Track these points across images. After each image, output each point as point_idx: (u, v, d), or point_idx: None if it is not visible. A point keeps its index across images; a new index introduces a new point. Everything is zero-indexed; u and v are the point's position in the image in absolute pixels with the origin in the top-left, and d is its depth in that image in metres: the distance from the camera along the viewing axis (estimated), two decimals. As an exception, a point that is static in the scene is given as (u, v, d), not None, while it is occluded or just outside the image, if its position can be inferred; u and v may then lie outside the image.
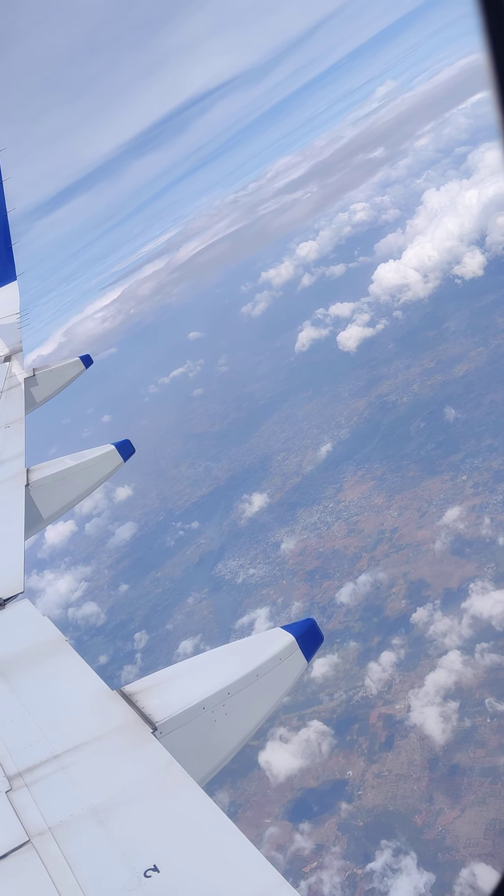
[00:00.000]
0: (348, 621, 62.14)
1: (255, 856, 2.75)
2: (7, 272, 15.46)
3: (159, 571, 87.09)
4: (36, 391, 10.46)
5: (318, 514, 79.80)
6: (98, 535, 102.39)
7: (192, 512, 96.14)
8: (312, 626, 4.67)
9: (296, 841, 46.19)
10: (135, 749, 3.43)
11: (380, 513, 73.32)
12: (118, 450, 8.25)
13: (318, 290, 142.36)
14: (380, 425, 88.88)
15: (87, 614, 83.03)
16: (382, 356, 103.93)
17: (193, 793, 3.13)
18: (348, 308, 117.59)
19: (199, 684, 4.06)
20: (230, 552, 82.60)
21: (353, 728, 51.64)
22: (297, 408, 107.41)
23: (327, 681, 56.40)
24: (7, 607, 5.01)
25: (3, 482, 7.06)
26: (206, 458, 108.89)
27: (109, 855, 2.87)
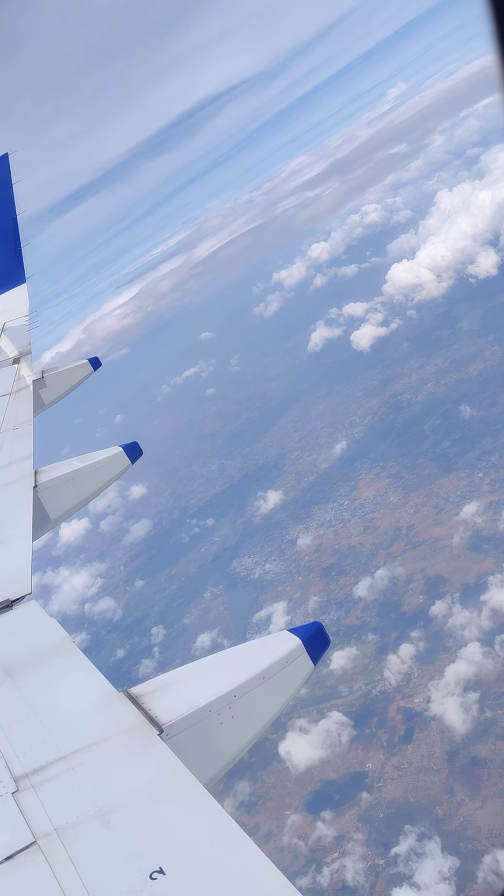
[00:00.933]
0: (365, 617, 62.36)
1: (261, 859, 2.72)
2: (16, 275, 15.53)
3: (174, 568, 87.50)
4: (44, 393, 10.52)
5: (333, 511, 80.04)
6: (113, 533, 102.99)
7: (206, 510, 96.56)
8: (319, 629, 4.71)
9: (317, 832, 46.42)
10: (141, 751, 3.44)
11: (396, 510, 73.52)
12: (126, 452, 8.25)
13: (330, 290, 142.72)
14: (394, 424, 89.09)
15: (104, 609, 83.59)
16: (396, 356, 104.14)
17: (199, 795, 3.11)
18: (362, 308, 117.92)
19: (205, 687, 4.07)
20: (245, 549, 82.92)
21: (372, 721, 51.84)
22: (311, 407, 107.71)
23: (346, 674, 56.67)
24: (14, 608, 5.01)
25: (12, 483, 7.09)
26: (220, 456, 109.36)
27: (115, 857, 2.87)
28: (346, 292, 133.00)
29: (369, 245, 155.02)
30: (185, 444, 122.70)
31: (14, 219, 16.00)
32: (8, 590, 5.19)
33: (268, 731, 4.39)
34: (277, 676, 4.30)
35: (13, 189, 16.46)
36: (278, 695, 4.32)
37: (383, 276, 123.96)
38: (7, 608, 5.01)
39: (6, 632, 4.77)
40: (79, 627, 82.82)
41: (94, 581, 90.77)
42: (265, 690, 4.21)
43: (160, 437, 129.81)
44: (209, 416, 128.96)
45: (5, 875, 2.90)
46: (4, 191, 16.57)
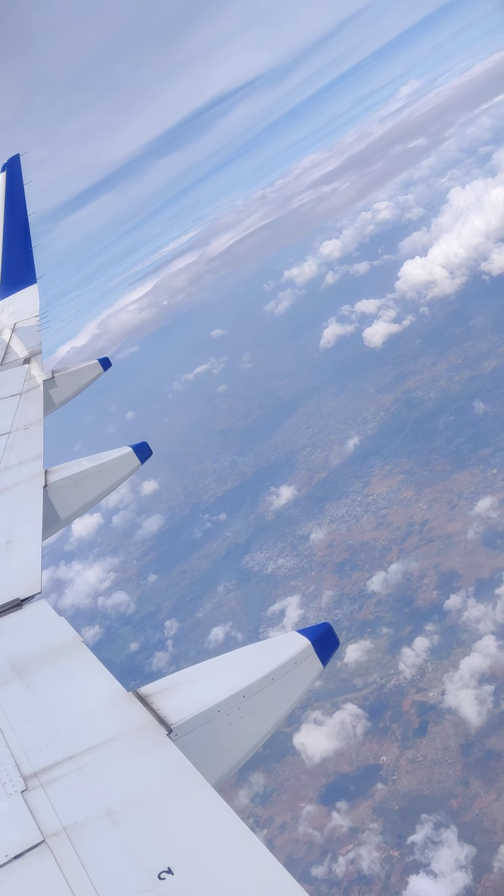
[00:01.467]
0: (379, 611, 62.46)
1: (269, 860, 2.72)
2: (27, 275, 15.58)
3: (186, 564, 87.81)
4: (55, 393, 10.53)
5: (345, 507, 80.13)
6: (125, 528, 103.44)
7: (218, 506, 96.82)
8: (328, 630, 4.70)
9: (331, 823, 46.61)
10: (150, 751, 3.44)
11: (409, 506, 73.54)
12: (135, 452, 8.27)
13: (342, 287, 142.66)
14: (407, 420, 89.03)
15: (117, 603, 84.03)
16: (409, 352, 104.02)
17: (208, 795, 3.10)
18: (374, 304, 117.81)
19: (214, 687, 4.07)
20: (257, 545, 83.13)
21: (386, 715, 51.96)
22: (322, 404, 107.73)
23: (360, 667, 56.83)
24: (24, 607, 5.01)
25: (22, 483, 7.10)
26: (232, 452, 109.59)
27: (123, 856, 2.87)
28: (358, 289, 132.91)
29: (381, 242, 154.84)
30: (197, 441, 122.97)
31: (25, 220, 16.09)
32: (18, 589, 5.19)
33: (281, 724, 4.36)
34: (286, 677, 4.30)
35: (24, 190, 16.57)
36: (287, 695, 4.32)
37: (395, 274, 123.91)
38: (17, 607, 5.01)
39: (16, 630, 4.77)
40: (92, 621, 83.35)
41: (106, 575, 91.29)
42: (274, 691, 4.21)
43: (171, 434, 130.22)
44: (220, 412, 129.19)
45: (14, 874, 2.90)
46: (16, 192, 16.67)
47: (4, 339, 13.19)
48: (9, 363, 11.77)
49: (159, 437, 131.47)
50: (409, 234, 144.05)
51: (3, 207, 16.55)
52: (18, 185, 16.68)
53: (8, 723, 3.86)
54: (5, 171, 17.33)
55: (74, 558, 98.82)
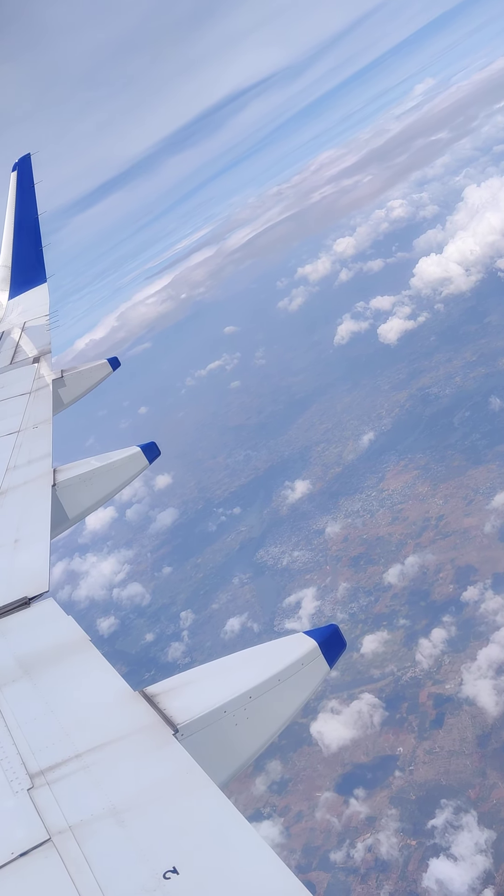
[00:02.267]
0: (395, 605, 62.60)
1: (275, 861, 2.72)
2: (37, 274, 15.63)
3: (200, 557, 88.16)
4: (64, 392, 10.57)
5: (360, 502, 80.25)
6: (139, 522, 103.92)
7: (232, 500, 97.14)
8: (335, 631, 4.68)
9: (348, 813, 46.85)
10: (156, 750, 3.45)
11: (424, 501, 73.59)
12: (144, 452, 8.28)
13: (355, 285, 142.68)
14: (422, 417, 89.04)
15: (132, 595, 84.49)
16: (424, 349, 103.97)
17: (214, 796, 3.10)
18: (389, 301, 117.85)
19: (220, 687, 4.07)
20: (271, 539, 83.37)
21: (403, 707, 52.11)
22: (336, 400, 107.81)
23: (377, 658, 57.05)
24: (33, 606, 5.02)
25: (31, 482, 7.12)
26: (246, 447, 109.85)
27: (129, 855, 2.87)
28: (372, 287, 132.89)
29: (395, 240, 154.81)
30: (210, 437, 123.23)
31: (36, 219, 16.12)
32: (26, 587, 5.18)
33: (288, 726, 4.34)
34: (293, 678, 4.29)
35: (35, 189, 16.63)
36: (294, 697, 4.32)
37: (410, 271, 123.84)
38: (25, 605, 5.01)
39: (24, 629, 4.77)
40: (107, 612, 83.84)
41: (121, 567, 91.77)
42: (281, 692, 4.20)
43: (184, 430, 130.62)
44: (233, 408, 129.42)
45: (20, 871, 2.92)
46: (27, 191, 16.70)
47: (14, 339, 13.24)
48: (18, 362, 11.81)
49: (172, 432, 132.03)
50: (424, 232, 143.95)
51: (14, 207, 16.64)
52: (29, 185, 16.74)
53: (15, 721, 3.88)
54: (16, 170, 17.35)
55: (88, 551, 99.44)
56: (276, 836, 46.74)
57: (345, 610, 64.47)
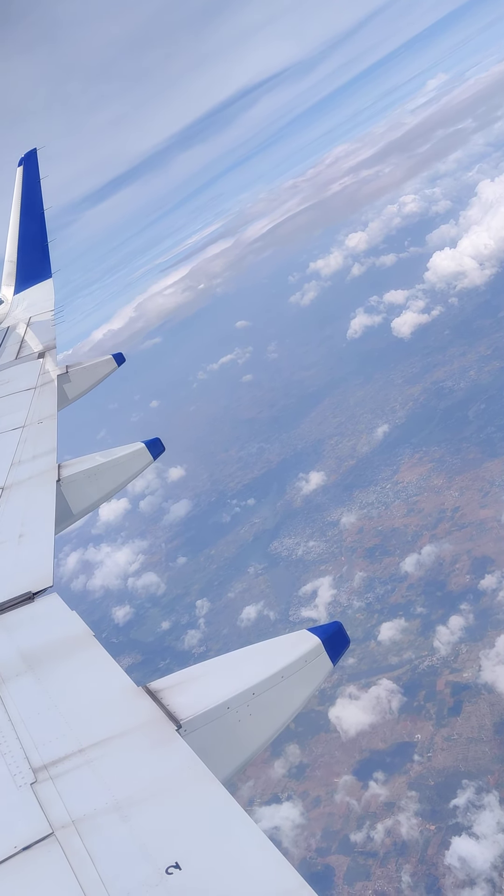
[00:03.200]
0: (411, 595, 62.84)
1: (277, 857, 2.73)
2: (42, 270, 15.61)
3: (213, 549, 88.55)
4: (68, 388, 10.56)
5: (375, 494, 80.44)
6: (152, 513, 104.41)
7: (245, 492, 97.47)
8: (339, 629, 4.66)
9: (366, 798, 47.21)
10: (159, 746, 3.46)
11: (440, 493, 73.74)
12: (148, 448, 8.27)
13: (368, 279, 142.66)
14: (436, 410, 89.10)
15: (147, 584, 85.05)
16: (437, 343, 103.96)
17: (217, 791, 3.11)
18: (402, 295, 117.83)
19: (224, 684, 4.08)
20: (285, 531, 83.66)
21: (420, 694, 52.41)
22: (349, 394, 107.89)
23: (394, 646, 57.39)
24: (36, 601, 5.04)
25: (35, 477, 7.09)
26: (259, 440, 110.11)
27: (131, 850, 2.88)
28: (384, 281, 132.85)
29: (408, 235, 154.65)
30: (222, 430, 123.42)
31: (42, 215, 16.12)
32: (30, 582, 5.20)
33: (290, 722, 4.33)
34: (296, 675, 4.28)
35: (41, 184, 16.59)
36: (297, 694, 4.29)
37: (423, 266, 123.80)
38: (29, 600, 5.03)
39: (28, 624, 4.79)
40: (122, 601, 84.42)
41: (135, 557, 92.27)
42: (284, 689, 4.19)
43: (196, 423, 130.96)
44: (245, 402, 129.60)
45: (23, 865, 2.94)
46: (33, 186, 16.65)
47: (19, 334, 13.24)
48: (23, 357, 11.82)
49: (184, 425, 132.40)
50: (437, 227, 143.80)
51: (20, 202, 16.60)
52: (35, 180, 16.72)
53: (18, 715, 3.90)
54: (22, 165, 17.26)
55: (103, 541, 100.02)
56: (296, 817, 47.20)
57: (361, 599, 64.80)
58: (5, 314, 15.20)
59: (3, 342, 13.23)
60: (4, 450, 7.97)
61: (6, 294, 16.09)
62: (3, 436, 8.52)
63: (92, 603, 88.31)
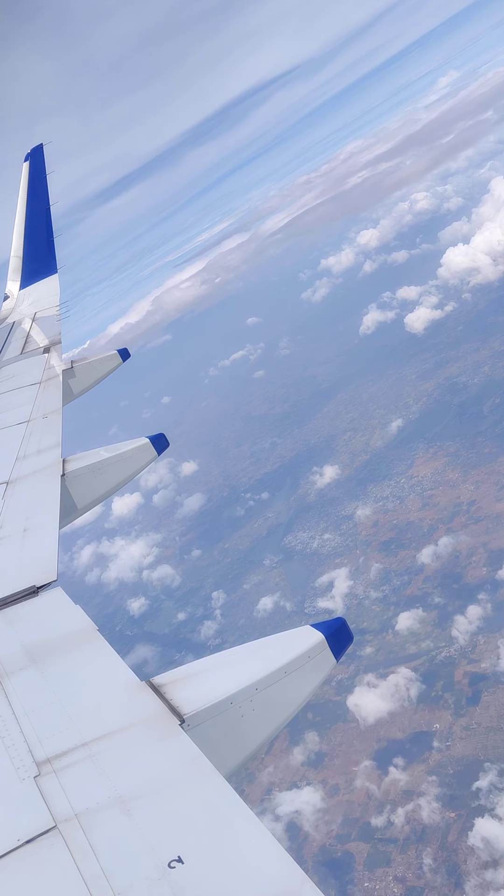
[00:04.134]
0: (427, 587, 63.01)
1: (280, 852, 2.75)
2: (48, 265, 15.59)
3: (227, 542, 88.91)
4: (73, 383, 10.58)
5: (389, 488, 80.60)
6: (166, 507, 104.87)
7: (258, 487, 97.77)
8: (343, 625, 4.65)
9: (385, 786, 47.46)
10: (162, 740, 3.47)
11: (455, 487, 73.84)
12: (152, 443, 8.27)
13: (380, 276, 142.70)
14: (450, 405, 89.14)
15: (162, 576, 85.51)
16: (451, 339, 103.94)
17: (219, 786, 3.13)
18: (415, 291, 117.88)
19: (227, 679, 4.08)
20: (299, 525, 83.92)
21: (438, 685, 52.60)
22: (362, 390, 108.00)
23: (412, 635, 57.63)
24: (41, 595, 5.06)
25: (40, 471, 7.12)
26: (272, 435, 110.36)
27: (134, 844, 2.90)
28: (396, 278, 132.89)
29: (419, 232, 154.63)
30: (234, 426, 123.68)
31: (47, 210, 16.14)
32: (34, 576, 5.23)
33: (293, 718, 4.32)
34: (299, 671, 4.30)
35: (47, 180, 16.61)
36: (300, 689, 4.30)
37: (435, 262, 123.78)
38: (33, 594, 5.06)
39: (32, 618, 4.82)
40: (137, 593, 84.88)
41: (149, 550, 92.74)
42: (287, 684, 4.21)
43: (208, 419, 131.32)
44: (257, 398, 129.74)
45: (26, 858, 2.96)
46: (39, 182, 16.63)
47: (25, 329, 13.25)
48: (29, 352, 11.84)
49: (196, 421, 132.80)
50: (449, 224, 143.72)
51: (26, 197, 16.62)
52: (41, 175, 16.72)
53: (22, 709, 3.92)
54: (28, 160, 17.26)
55: (116, 535, 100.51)
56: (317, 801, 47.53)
57: (377, 590, 65.03)
58: (11, 309, 15.30)
59: (9, 337, 13.28)
60: (9, 444, 8.00)
61: (12, 289, 16.20)
62: (8, 430, 8.52)
63: (106, 596, 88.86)
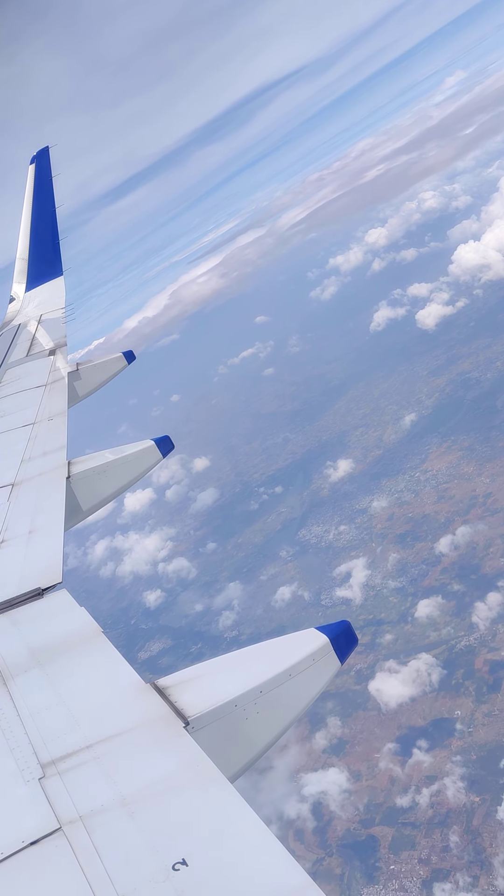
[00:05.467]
0: (444, 578, 63.37)
1: (284, 855, 2.76)
2: (54, 267, 15.69)
3: (242, 536, 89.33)
4: (79, 385, 10.62)
5: (403, 482, 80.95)
6: (179, 502, 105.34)
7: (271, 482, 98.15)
8: (347, 627, 4.64)
9: (408, 771, 47.84)
10: (167, 743, 3.48)
11: (470, 480, 74.20)
12: (157, 446, 8.28)
13: (389, 274, 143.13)
14: (463, 400, 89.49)
15: (178, 569, 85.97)
16: (462, 335, 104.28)
17: (224, 789, 3.12)
18: (426, 288, 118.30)
19: (231, 681, 4.09)
20: (313, 519, 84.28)
21: (458, 673, 52.97)
22: (374, 386, 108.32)
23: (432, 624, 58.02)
24: (46, 597, 5.08)
25: (45, 473, 7.15)
26: (283, 431, 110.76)
27: (138, 846, 2.90)
28: (406, 276, 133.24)
29: (428, 230, 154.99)
30: (244, 423, 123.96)
31: (53, 213, 16.22)
32: (40, 578, 5.25)
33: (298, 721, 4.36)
34: (304, 674, 4.29)
35: (53, 182, 16.71)
36: (304, 692, 4.29)
37: (445, 260, 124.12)
38: (38, 596, 5.08)
39: (37, 620, 4.84)
40: (153, 585, 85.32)
41: (164, 544, 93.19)
42: (291, 687, 4.21)
43: (218, 417, 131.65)
44: (267, 396, 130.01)
45: (30, 859, 2.98)
46: (44, 184, 16.73)
47: (30, 331, 13.31)
48: (34, 354, 11.88)
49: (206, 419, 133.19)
50: (458, 223, 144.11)
51: (32, 200, 16.73)
52: (47, 178, 16.82)
53: (27, 711, 3.94)
54: (34, 163, 17.36)
55: (130, 529, 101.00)
56: (343, 782, 47.99)
57: (395, 580, 65.43)
58: (17, 311, 15.43)
59: (14, 339, 13.32)
60: (15, 446, 8.05)
61: (18, 291, 16.31)
62: (13, 432, 8.55)
63: (121, 589, 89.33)
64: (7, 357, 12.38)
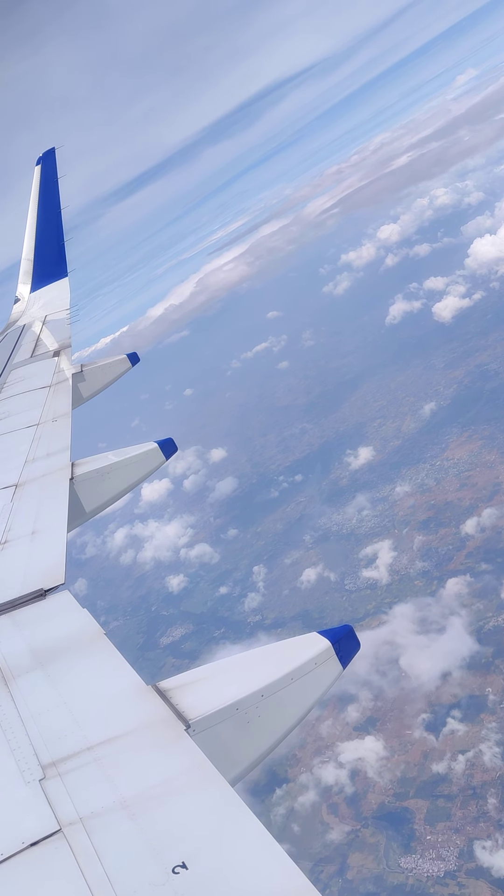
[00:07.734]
0: (470, 562, 63.87)
1: (284, 859, 2.76)
2: (58, 269, 15.75)
3: (262, 525, 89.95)
4: (83, 387, 10.70)
5: (424, 471, 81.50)
6: (197, 491, 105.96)
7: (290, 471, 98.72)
8: (350, 632, 4.65)
9: (441, 745, 48.39)
10: (167, 745, 3.48)
11: (493, 468, 74.71)
12: (161, 448, 8.30)
13: (403, 269, 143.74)
14: (482, 391, 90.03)
15: (200, 554, 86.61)
16: (479, 327, 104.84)
17: (225, 792, 3.12)
18: (441, 282, 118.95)
19: (233, 685, 4.10)
20: (334, 506, 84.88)
21: (488, 652, 53.51)
22: (390, 378, 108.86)
23: (460, 605, 58.61)
24: (48, 598, 5.08)
25: (49, 475, 7.16)
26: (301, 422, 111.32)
27: (138, 849, 2.90)
28: (419, 270, 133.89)
29: (441, 226, 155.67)
30: (258, 416, 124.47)
31: (58, 214, 16.39)
32: (42, 579, 5.26)
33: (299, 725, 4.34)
34: (306, 678, 4.29)
35: (58, 184, 16.89)
36: (306, 696, 4.30)
37: (459, 255, 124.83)
38: (40, 597, 5.09)
39: (39, 621, 4.85)
40: (176, 571, 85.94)
41: (184, 531, 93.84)
42: (293, 691, 4.21)
43: (232, 410, 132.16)
44: (281, 389, 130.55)
45: (30, 861, 2.98)
46: (50, 186, 16.85)
47: (35, 332, 13.35)
48: (39, 355, 11.92)
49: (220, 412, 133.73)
50: (471, 219, 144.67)
51: (37, 201, 16.86)
52: (53, 179, 16.96)
53: (28, 712, 3.94)
54: (40, 164, 17.48)
55: (149, 517, 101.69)
56: (380, 749, 48.65)
57: (422, 561, 66.06)
58: (21, 312, 15.53)
59: (19, 340, 13.36)
60: (19, 447, 8.07)
61: (23, 292, 16.40)
62: (17, 433, 8.58)
63: (143, 575, 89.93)
64: (12, 358, 12.43)
